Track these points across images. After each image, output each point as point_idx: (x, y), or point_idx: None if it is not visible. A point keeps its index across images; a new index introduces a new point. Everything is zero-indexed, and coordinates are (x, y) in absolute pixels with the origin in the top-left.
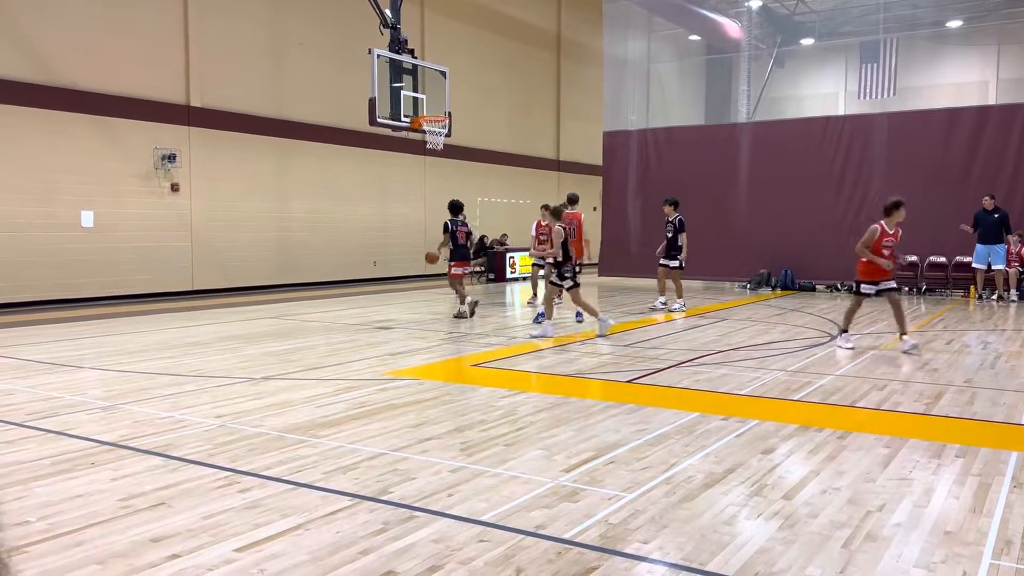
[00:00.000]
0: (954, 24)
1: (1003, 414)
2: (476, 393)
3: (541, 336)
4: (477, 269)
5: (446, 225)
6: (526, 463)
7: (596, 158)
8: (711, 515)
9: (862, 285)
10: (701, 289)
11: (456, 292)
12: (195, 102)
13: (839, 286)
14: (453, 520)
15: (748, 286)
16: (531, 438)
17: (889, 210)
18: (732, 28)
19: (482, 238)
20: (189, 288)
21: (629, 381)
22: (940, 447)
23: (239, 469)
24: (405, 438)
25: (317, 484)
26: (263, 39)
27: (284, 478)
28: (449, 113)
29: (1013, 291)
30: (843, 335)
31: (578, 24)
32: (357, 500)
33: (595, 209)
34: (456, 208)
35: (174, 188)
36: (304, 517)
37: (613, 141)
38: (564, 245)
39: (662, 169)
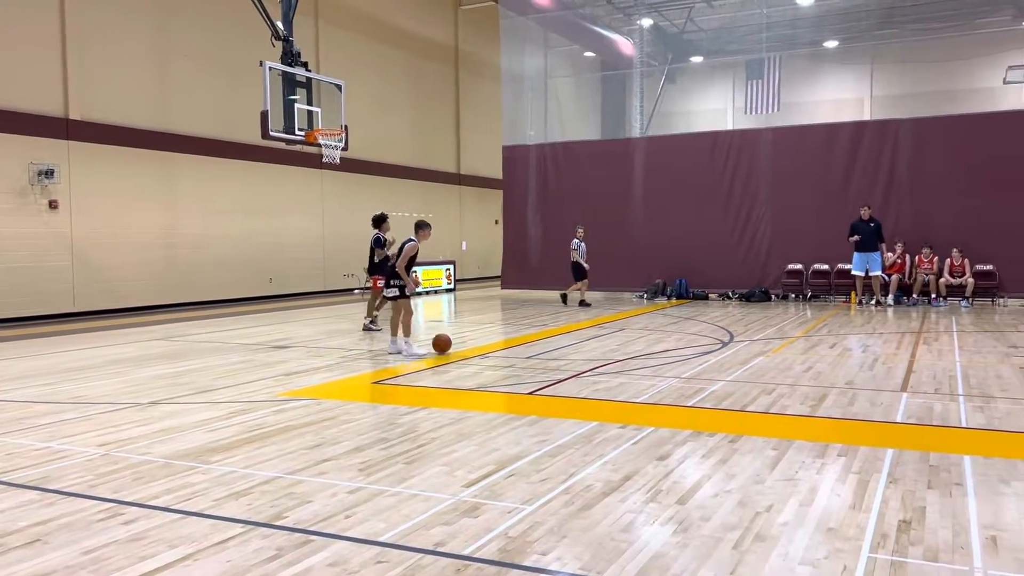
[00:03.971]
0: (830, 44)
1: (880, 413)
2: (376, 411)
3: None
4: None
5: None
6: (427, 480)
7: (496, 172)
8: (608, 523)
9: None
10: (601, 299)
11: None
12: (74, 115)
13: (730, 294)
14: (350, 542)
15: (645, 296)
16: (432, 454)
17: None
18: (625, 45)
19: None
20: (70, 310)
21: (530, 393)
22: (823, 447)
23: (123, 500)
24: (301, 460)
25: (207, 512)
26: (148, 49)
27: (172, 507)
28: (345, 126)
29: (890, 296)
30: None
31: (475, 39)
32: (250, 527)
33: (496, 223)
34: (375, 221)
35: (52, 205)
36: (193, 547)
37: (512, 155)
38: None
39: (560, 183)
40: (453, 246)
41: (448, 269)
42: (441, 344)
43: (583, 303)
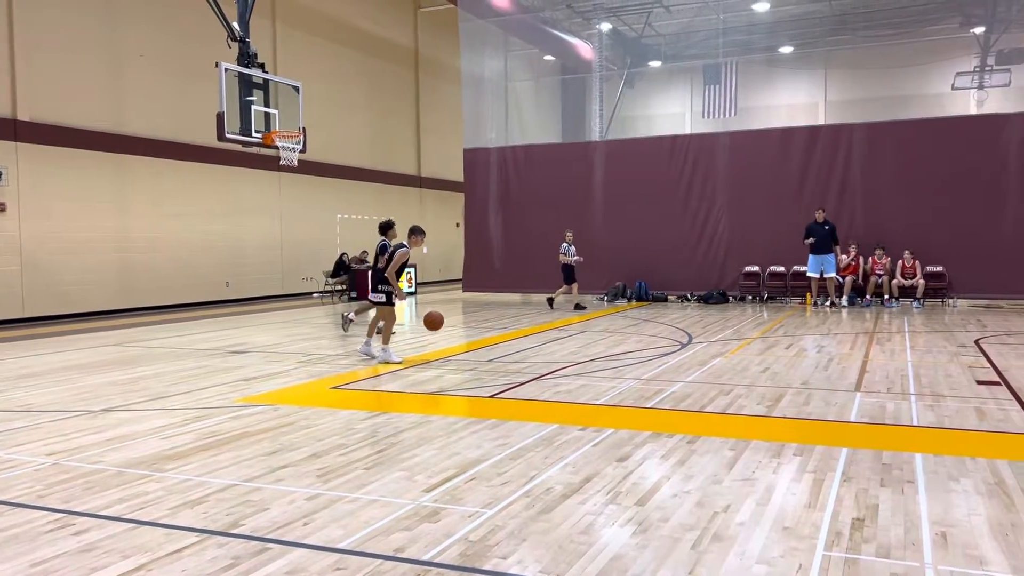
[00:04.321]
0: (785, 50)
1: (835, 413)
2: (335, 417)
3: None
4: (339, 288)
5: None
6: (386, 485)
7: (457, 174)
8: (568, 525)
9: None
10: (562, 302)
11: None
12: (23, 116)
13: (689, 296)
14: (308, 550)
15: (605, 298)
16: (392, 459)
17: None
18: (585, 49)
19: (342, 256)
20: (19, 316)
21: (491, 396)
22: (780, 447)
23: (74, 510)
24: (258, 467)
25: (161, 521)
26: (100, 49)
27: (124, 517)
28: (303, 128)
29: (844, 297)
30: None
31: (435, 41)
32: (205, 535)
33: (457, 225)
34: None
35: (0, 208)
36: (147, 557)
37: (473, 158)
38: None
39: (521, 186)
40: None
41: (409, 272)
42: (433, 322)
43: (551, 300)
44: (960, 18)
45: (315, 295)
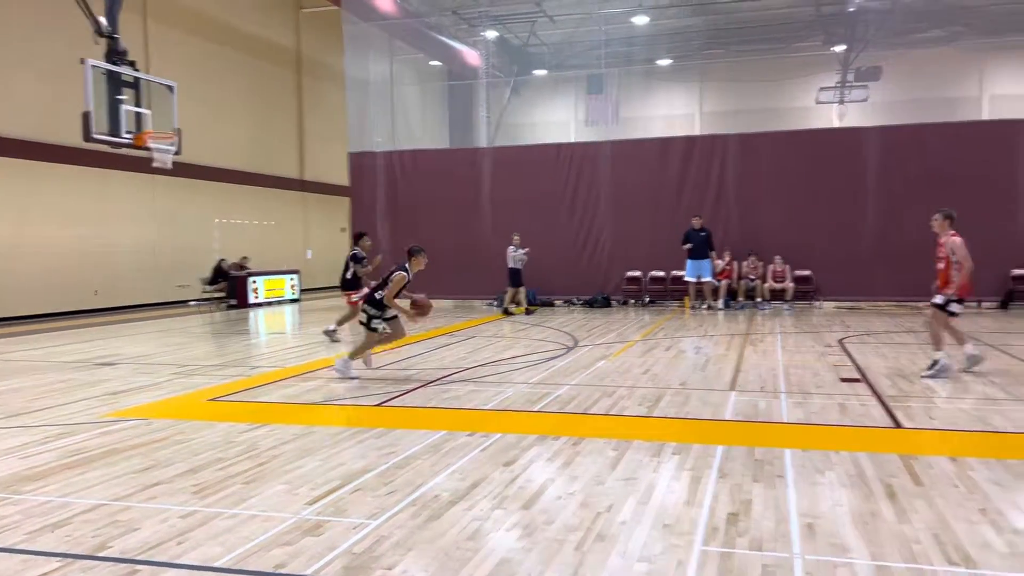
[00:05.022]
0: (664, 62)
1: (711, 412)
2: (213, 430)
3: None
4: (217, 295)
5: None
6: (267, 500)
7: (343, 178)
8: (455, 532)
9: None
10: (451, 308)
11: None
12: None
13: (575, 301)
14: (183, 570)
15: (494, 303)
16: (273, 472)
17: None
18: (471, 56)
19: (220, 262)
20: None
21: (378, 404)
22: (660, 446)
23: None
24: (128, 485)
25: (19, 547)
26: None
27: None
28: (178, 129)
29: (720, 301)
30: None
31: (319, 44)
32: (68, 560)
33: (343, 230)
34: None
35: None
36: None
37: (359, 162)
38: None
39: (410, 191)
40: (297, 255)
41: (292, 279)
42: (422, 308)
43: (528, 311)
44: (823, 36)
45: (192, 303)
